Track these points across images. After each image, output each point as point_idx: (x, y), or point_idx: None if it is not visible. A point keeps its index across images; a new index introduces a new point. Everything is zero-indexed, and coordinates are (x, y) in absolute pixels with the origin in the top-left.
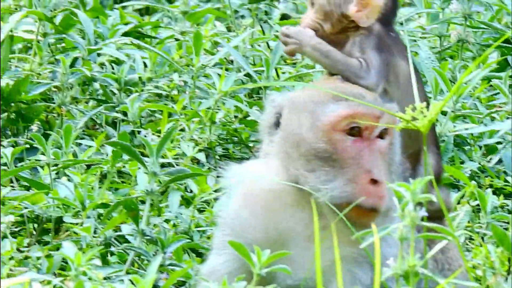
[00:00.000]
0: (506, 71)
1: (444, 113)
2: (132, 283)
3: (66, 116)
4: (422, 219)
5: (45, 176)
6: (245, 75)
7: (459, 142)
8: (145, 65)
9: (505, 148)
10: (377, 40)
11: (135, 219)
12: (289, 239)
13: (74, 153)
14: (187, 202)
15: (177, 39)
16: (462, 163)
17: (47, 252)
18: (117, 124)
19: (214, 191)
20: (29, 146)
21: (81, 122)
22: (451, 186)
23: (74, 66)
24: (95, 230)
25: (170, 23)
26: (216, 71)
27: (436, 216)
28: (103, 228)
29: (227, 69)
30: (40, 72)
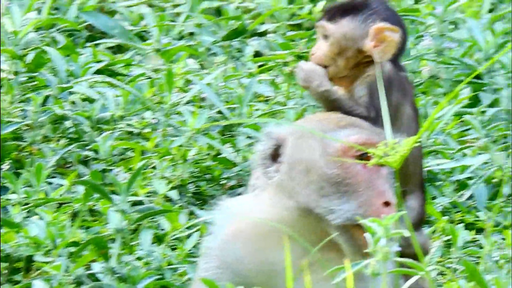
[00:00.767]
0: (478, 106)
1: None
2: None
3: (37, 155)
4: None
5: (16, 215)
6: (217, 112)
7: (431, 178)
8: (117, 103)
9: (476, 183)
10: (387, 83)
11: (105, 257)
12: (282, 271)
13: (45, 191)
14: (159, 239)
15: (149, 77)
16: (433, 198)
17: None
18: (89, 163)
19: (186, 228)
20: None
21: (52, 161)
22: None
23: (45, 104)
24: (66, 269)
25: (142, 60)
26: (189, 109)
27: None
28: (74, 266)
29: (199, 107)
30: (11, 111)
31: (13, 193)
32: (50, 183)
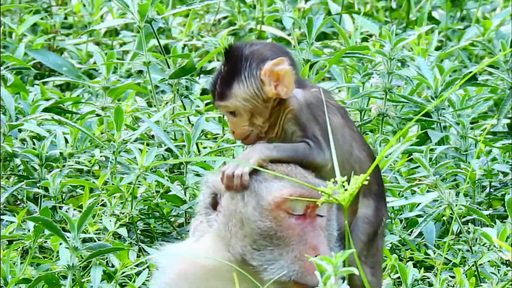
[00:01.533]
0: (426, 144)
1: None
2: None
3: None
4: None
5: None
6: (166, 150)
7: None
8: (66, 141)
9: (426, 221)
10: (307, 109)
11: None
12: None
13: None
14: (109, 276)
15: (98, 115)
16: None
17: None
18: (39, 200)
19: (135, 265)
20: None
21: (2, 198)
22: None
23: None
24: None
25: (90, 98)
26: (137, 146)
27: None
28: None
29: (148, 144)
30: None
31: None
32: (1, 220)
